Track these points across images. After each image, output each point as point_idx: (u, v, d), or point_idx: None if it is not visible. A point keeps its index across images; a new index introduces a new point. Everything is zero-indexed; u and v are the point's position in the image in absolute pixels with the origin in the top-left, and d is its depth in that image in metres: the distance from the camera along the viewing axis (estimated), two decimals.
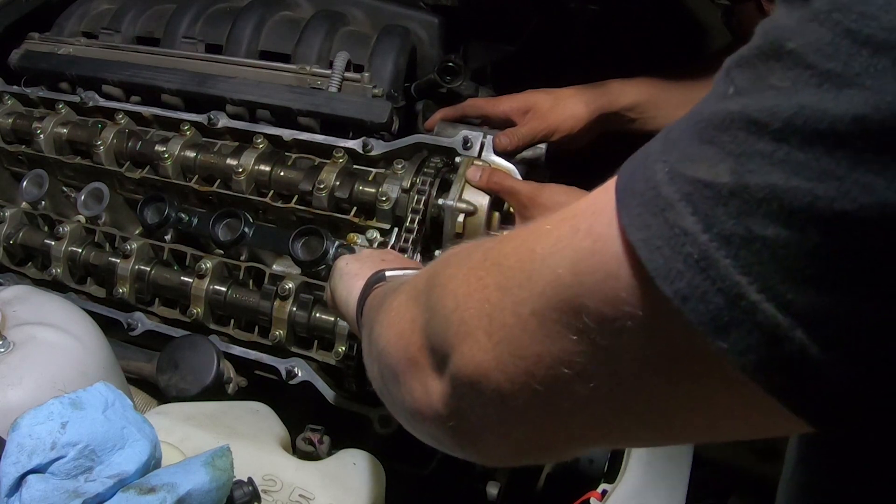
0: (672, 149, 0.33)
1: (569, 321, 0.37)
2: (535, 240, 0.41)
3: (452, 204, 1.07)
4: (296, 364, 1.07)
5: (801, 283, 0.29)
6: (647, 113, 1.18)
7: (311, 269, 1.11)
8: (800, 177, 0.28)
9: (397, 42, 1.28)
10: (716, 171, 0.30)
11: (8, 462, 0.68)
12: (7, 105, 1.36)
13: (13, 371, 0.84)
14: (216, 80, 1.25)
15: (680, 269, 0.31)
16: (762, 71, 0.31)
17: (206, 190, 1.20)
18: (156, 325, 1.15)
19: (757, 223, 0.29)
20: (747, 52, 0.32)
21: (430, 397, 0.48)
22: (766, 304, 0.29)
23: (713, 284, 0.30)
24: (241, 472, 0.78)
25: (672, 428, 0.39)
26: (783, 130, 0.29)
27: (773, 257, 0.29)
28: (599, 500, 0.95)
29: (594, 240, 0.36)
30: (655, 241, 0.32)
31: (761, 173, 0.29)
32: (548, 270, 0.38)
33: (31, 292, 1.00)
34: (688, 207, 0.31)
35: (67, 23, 1.47)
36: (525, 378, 0.40)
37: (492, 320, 0.41)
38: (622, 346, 0.35)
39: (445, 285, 0.47)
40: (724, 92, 0.33)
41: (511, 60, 1.41)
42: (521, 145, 1.16)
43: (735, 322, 0.30)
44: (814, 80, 0.28)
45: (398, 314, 0.54)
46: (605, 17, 1.39)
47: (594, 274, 0.35)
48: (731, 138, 0.30)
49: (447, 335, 0.45)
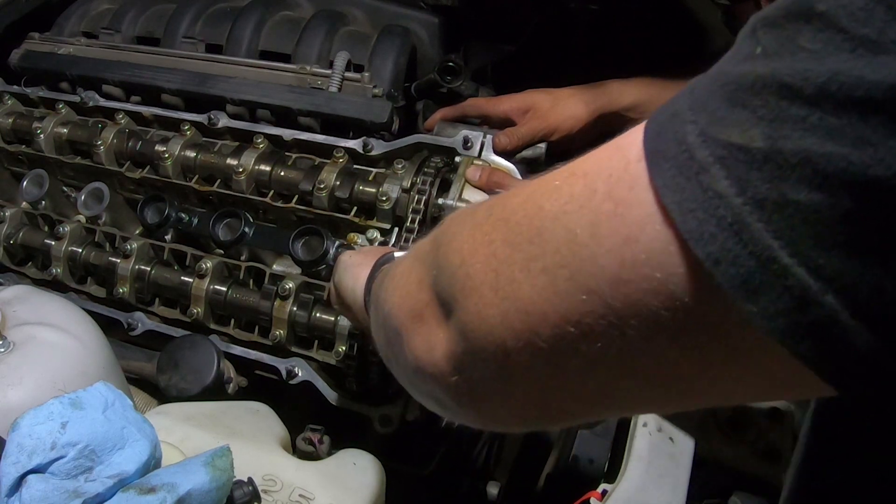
0: (701, 109, 0.33)
1: (581, 280, 0.37)
2: (543, 196, 0.40)
3: (452, 203, 1.07)
4: (296, 364, 1.07)
5: (832, 248, 0.29)
6: (647, 113, 1.17)
7: (311, 269, 1.11)
8: (834, 142, 0.28)
9: (397, 42, 1.28)
10: (749, 135, 0.31)
11: (8, 462, 0.68)
12: (7, 105, 1.36)
13: (13, 371, 0.84)
14: (216, 80, 1.25)
15: (713, 231, 0.31)
16: (791, 32, 0.31)
17: (207, 190, 1.20)
18: (156, 325, 1.15)
19: (790, 188, 0.29)
20: (774, 11, 0.32)
21: (434, 353, 0.48)
22: (797, 268, 0.29)
23: (745, 248, 0.30)
24: (241, 472, 0.78)
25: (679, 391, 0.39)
26: (817, 96, 0.29)
27: (806, 222, 0.29)
28: (599, 500, 0.95)
29: (616, 203, 0.36)
30: (689, 203, 0.32)
31: (795, 138, 0.29)
32: (562, 229, 0.38)
33: (31, 292, 1.00)
34: (722, 171, 0.31)
35: (67, 23, 1.47)
36: (529, 335, 0.40)
37: (498, 275, 0.41)
38: (635, 309, 0.35)
39: (450, 243, 0.47)
40: (750, 51, 0.33)
41: (511, 60, 1.41)
42: (521, 145, 1.16)
43: (766, 286, 0.30)
44: (846, 44, 0.29)
45: (403, 276, 0.54)
46: (605, 17, 1.39)
47: (614, 236, 0.35)
48: (763, 102, 0.31)
49: (453, 290, 0.45)
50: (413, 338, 0.51)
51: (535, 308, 0.39)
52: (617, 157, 0.37)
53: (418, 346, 0.50)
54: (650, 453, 0.98)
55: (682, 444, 1.00)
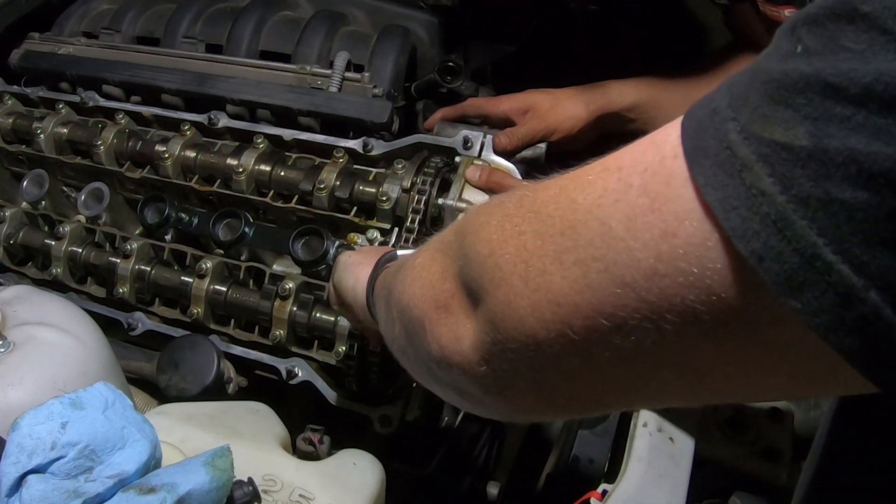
0: (742, 107, 0.33)
1: (616, 273, 0.37)
2: (576, 189, 0.41)
3: (452, 203, 1.07)
4: (296, 364, 1.07)
5: (877, 245, 0.29)
6: (646, 113, 1.19)
7: (311, 269, 1.11)
8: (880, 141, 0.28)
9: (397, 42, 1.28)
10: (793, 133, 0.31)
11: (8, 462, 0.68)
12: (7, 105, 1.36)
13: (13, 371, 0.84)
14: (216, 80, 1.25)
15: (756, 229, 0.31)
16: (833, 31, 0.31)
17: (207, 190, 1.20)
18: (156, 325, 1.15)
19: (835, 186, 0.29)
20: (816, 10, 0.32)
21: (461, 343, 0.48)
22: (841, 265, 0.30)
23: (789, 245, 0.31)
24: (241, 472, 0.78)
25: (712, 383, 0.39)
26: (862, 96, 0.29)
27: (851, 219, 0.29)
28: (599, 500, 0.95)
29: (652, 198, 0.36)
30: (732, 200, 0.32)
31: (840, 137, 0.29)
32: (596, 222, 0.38)
33: (31, 292, 1.00)
34: (765, 168, 0.31)
35: (67, 23, 1.47)
36: (561, 326, 0.40)
37: (529, 266, 0.41)
38: (670, 303, 0.35)
39: (478, 232, 0.47)
40: (790, 49, 0.33)
41: (511, 60, 1.41)
42: (521, 145, 1.16)
43: (810, 282, 0.30)
44: (892, 45, 0.29)
45: (424, 268, 0.54)
46: (605, 17, 1.39)
47: (651, 230, 0.36)
48: (807, 101, 0.31)
49: (482, 280, 0.45)
50: (438, 328, 0.51)
51: (567, 300, 0.39)
52: (652, 153, 0.37)
53: (444, 336, 0.50)
54: (650, 453, 0.97)
55: (682, 444, 1.00)
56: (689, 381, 0.39)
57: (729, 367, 0.37)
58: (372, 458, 0.92)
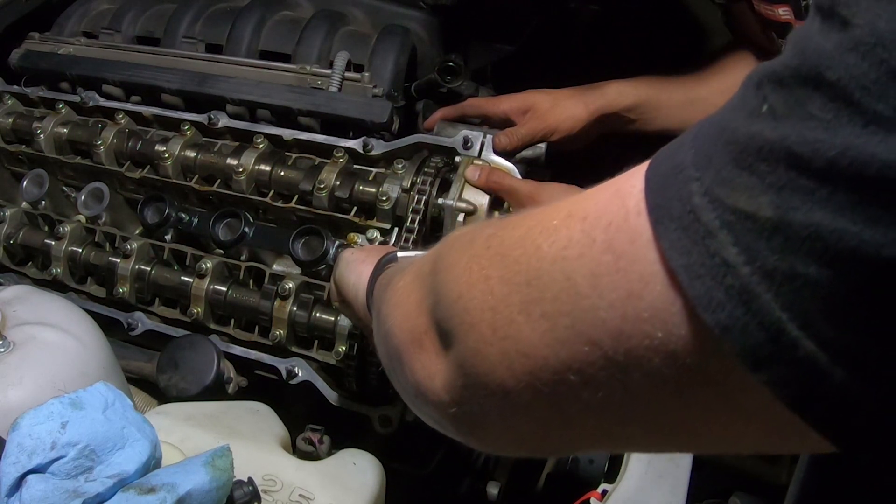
0: (706, 167, 0.33)
1: (583, 331, 0.36)
2: (542, 234, 0.40)
3: (452, 203, 1.07)
4: (296, 364, 1.07)
5: (842, 322, 0.29)
6: (646, 114, 1.19)
7: (311, 269, 1.11)
8: (845, 219, 0.28)
9: (397, 42, 1.28)
10: (757, 202, 0.30)
11: (8, 462, 0.68)
12: (7, 105, 1.36)
13: (13, 371, 0.84)
14: (216, 80, 1.25)
15: (721, 299, 0.31)
16: (800, 96, 0.30)
17: (207, 190, 1.20)
18: (156, 325, 1.15)
19: (800, 261, 0.29)
20: (781, 69, 0.31)
21: (434, 382, 0.48)
22: (806, 340, 0.29)
23: (754, 318, 0.30)
24: (241, 472, 0.78)
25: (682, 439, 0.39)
26: (827, 170, 0.28)
27: (816, 296, 0.29)
28: (599, 500, 0.95)
29: (617, 256, 0.35)
30: (696, 268, 0.32)
31: (805, 210, 0.29)
32: (561, 276, 0.37)
33: (31, 292, 1.00)
34: (729, 237, 0.31)
35: (67, 23, 1.47)
36: (530, 378, 0.39)
37: (496, 314, 0.41)
38: (637, 363, 0.35)
39: (448, 271, 0.46)
40: (756, 108, 0.32)
41: (511, 60, 1.41)
42: (521, 145, 1.16)
43: (775, 356, 0.30)
44: (858, 118, 0.28)
45: (404, 294, 0.54)
46: (605, 17, 1.39)
47: (616, 291, 0.35)
48: (771, 169, 0.30)
49: (452, 323, 0.44)
50: (413, 363, 0.50)
51: (535, 352, 0.39)
52: (616, 205, 0.36)
53: (418, 371, 0.50)
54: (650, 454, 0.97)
55: None
56: (661, 435, 0.39)
57: (699, 426, 0.36)
58: (372, 458, 0.92)
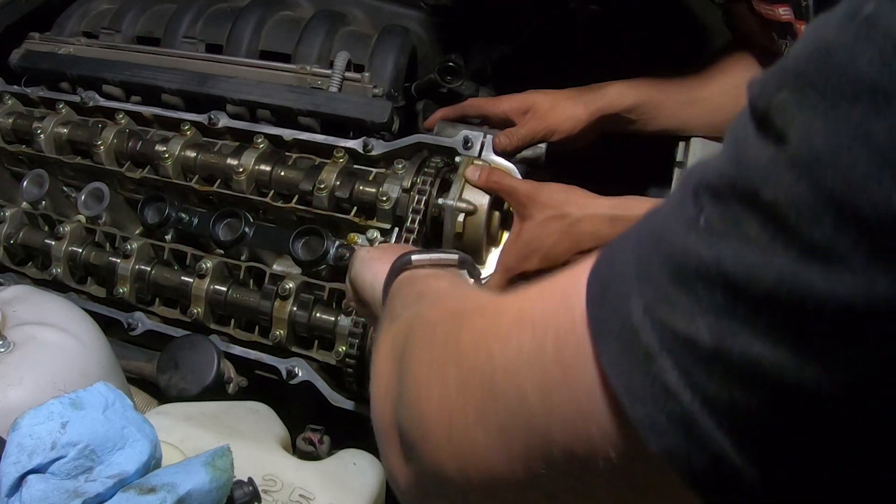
0: (647, 280, 0.32)
1: (539, 448, 0.35)
2: (494, 339, 0.39)
3: (452, 203, 1.07)
4: (296, 364, 1.07)
5: (784, 451, 0.28)
6: (647, 115, 1.18)
7: (311, 269, 1.11)
8: (784, 352, 0.27)
9: (397, 42, 1.28)
10: (696, 326, 0.29)
11: (8, 462, 0.68)
12: (7, 105, 1.36)
13: (13, 371, 0.85)
14: (216, 80, 1.25)
15: (663, 425, 0.30)
16: (736, 213, 0.29)
17: (207, 190, 1.20)
18: (156, 325, 1.15)
19: (739, 392, 0.28)
20: (717, 179, 0.30)
21: (398, 478, 0.47)
22: (750, 469, 0.29)
23: (697, 444, 0.29)
24: (241, 472, 0.79)
25: None
26: (764, 300, 0.27)
27: (758, 426, 0.28)
28: None
29: (564, 370, 0.34)
30: (637, 391, 0.31)
31: (742, 340, 0.28)
32: (513, 389, 0.36)
33: (31, 292, 1.00)
34: (669, 360, 0.30)
35: (68, 23, 1.47)
36: (489, 488, 0.39)
37: (452, 422, 0.40)
38: (593, 480, 0.34)
39: (410, 364, 0.46)
40: (693, 219, 0.31)
41: (511, 60, 1.40)
42: (521, 145, 1.16)
43: (719, 484, 0.30)
44: (794, 245, 0.27)
45: (383, 364, 0.52)
46: (605, 17, 1.39)
47: (565, 407, 0.34)
48: (709, 292, 0.29)
49: (410, 426, 0.44)
50: (386, 448, 0.49)
51: (493, 468, 0.38)
52: (563, 311, 0.35)
53: (389, 457, 0.49)
54: None
55: None
56: None
57: None
58: (372, 458, 0.92)
